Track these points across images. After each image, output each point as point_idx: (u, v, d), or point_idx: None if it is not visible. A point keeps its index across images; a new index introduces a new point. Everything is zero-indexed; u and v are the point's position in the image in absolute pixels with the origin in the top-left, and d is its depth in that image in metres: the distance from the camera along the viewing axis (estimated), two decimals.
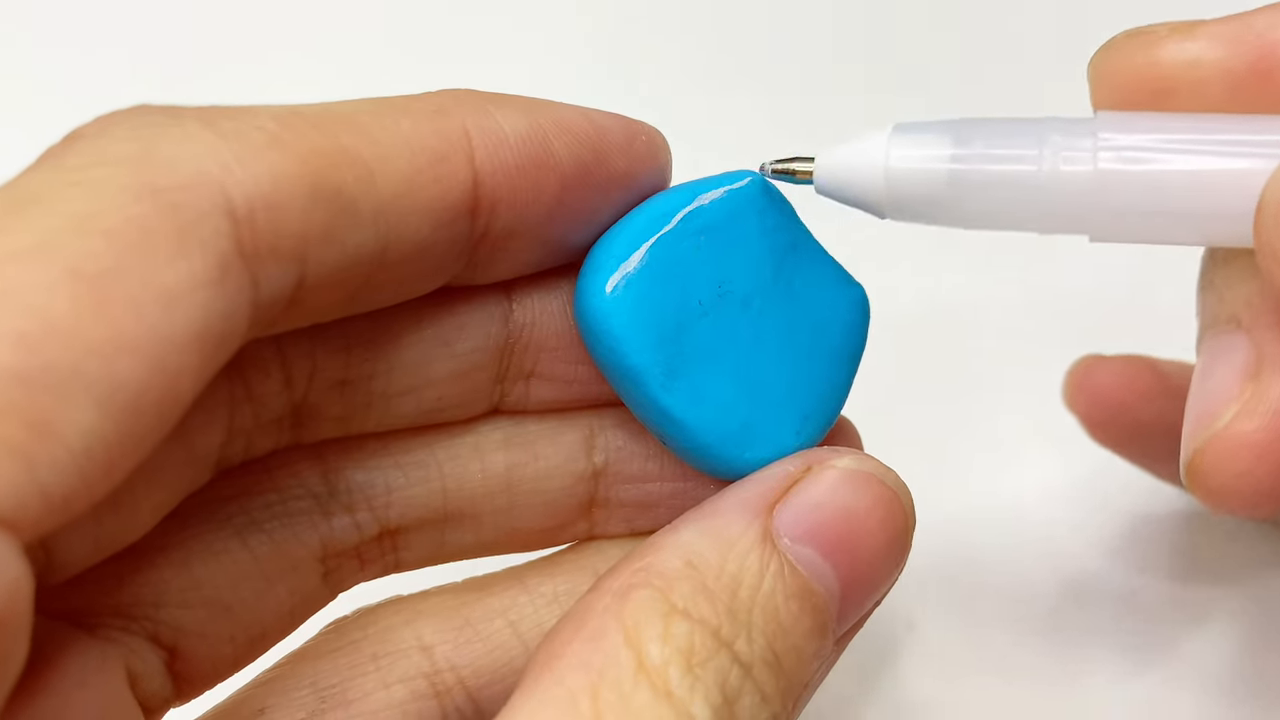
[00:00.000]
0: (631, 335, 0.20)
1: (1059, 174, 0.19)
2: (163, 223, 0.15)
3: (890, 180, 0.19)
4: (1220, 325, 0.20)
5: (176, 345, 0.15)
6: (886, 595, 0.21)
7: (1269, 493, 0.19)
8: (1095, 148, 0.19)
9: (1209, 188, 0.18)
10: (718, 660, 0.17)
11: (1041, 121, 0.19)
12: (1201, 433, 0.19)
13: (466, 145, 0.19)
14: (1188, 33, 0.20)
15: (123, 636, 0.19)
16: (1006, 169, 0.19)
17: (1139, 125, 0.19)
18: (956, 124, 0.20)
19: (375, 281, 0.18)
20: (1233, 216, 0.18)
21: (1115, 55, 0.21)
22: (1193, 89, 0.20)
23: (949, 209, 0.19)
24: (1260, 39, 0.19)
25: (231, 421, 0.19)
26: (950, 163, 0.19)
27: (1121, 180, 0.19)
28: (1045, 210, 0.19)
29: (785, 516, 0.19)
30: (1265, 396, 0.19)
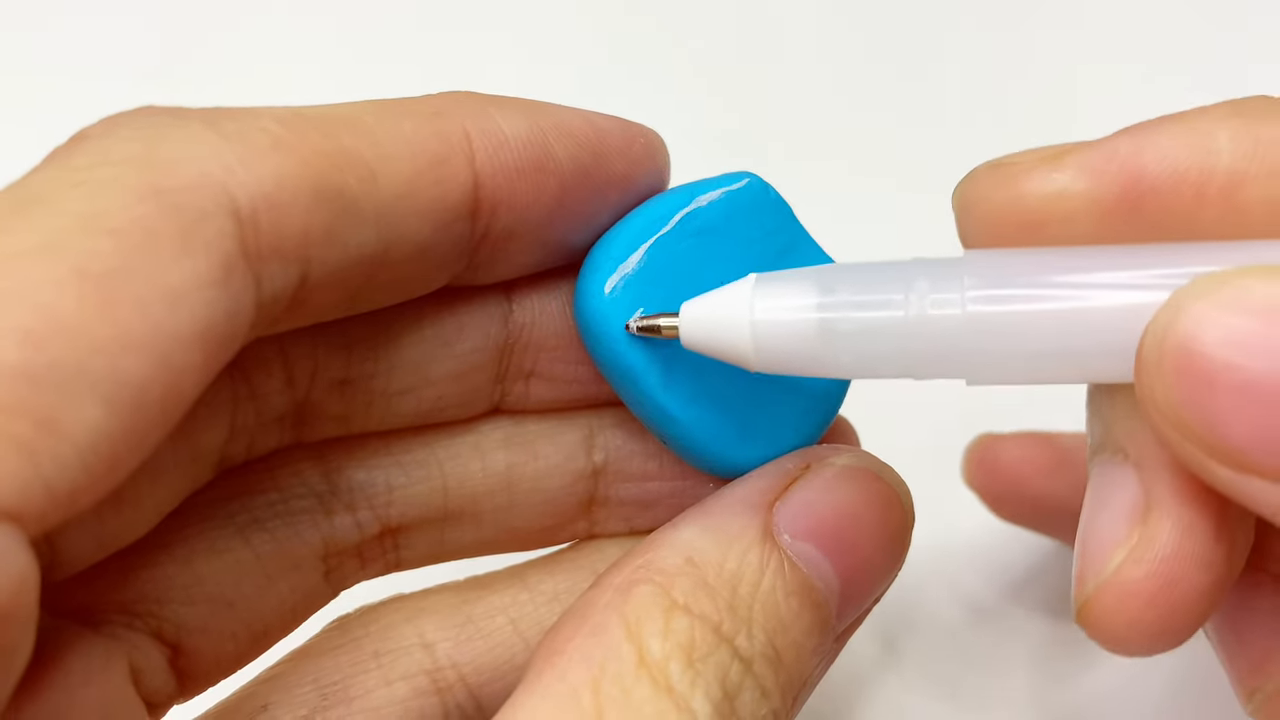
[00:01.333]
0: (630, 335, 0.20)
1: (927, 319, 0.18)
2: (167, 223, 0.15)
3: (756, 334, 0.19)
4: (1107, 455, 0.20)
5: (181, 343, 0.15)
6: (886, 592, 0.21)
7: (1161, 636, 0.19)
8: (963, 289, 0.18)
9: (1086, 327, 0.18)
10: (718, 655, 0.17)
11: (908, 264, 0.19)
12: (1091, 579, 0.19)
13: (467, 147, 0.19)
14: (1052, 164, 0.19)
15: (126, 633, 0.19)
16: (873, 315, 0.18)
17: (1008, 265, 0.18)
18: (820, 271, 0.19)
19: (376, 281, 0.19)
20: (1114, 354, 0.18)
21: (978, 190, 0.20)
22: (1061, 221, 0.19)
23: (819, 360, 0.19)
24: (1125, 166, 0.19)
25: (234, 420, 0.20)
26: (817, 311, 0.19)
27: (993, 322, 0.18)
28: (916, 357, 0.19)
29: (785, 513, 0.19)
30: (1152, 543, 0.18)
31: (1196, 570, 0.18)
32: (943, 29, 0.43)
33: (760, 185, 0.22)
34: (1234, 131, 0.18)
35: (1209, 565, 0.18)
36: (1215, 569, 0.18)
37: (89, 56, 0.42)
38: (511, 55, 0.43)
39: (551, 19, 0.44)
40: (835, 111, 0.42)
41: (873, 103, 0.42)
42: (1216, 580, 0.18)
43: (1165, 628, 0.18)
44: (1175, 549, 0.18)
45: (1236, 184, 0.18)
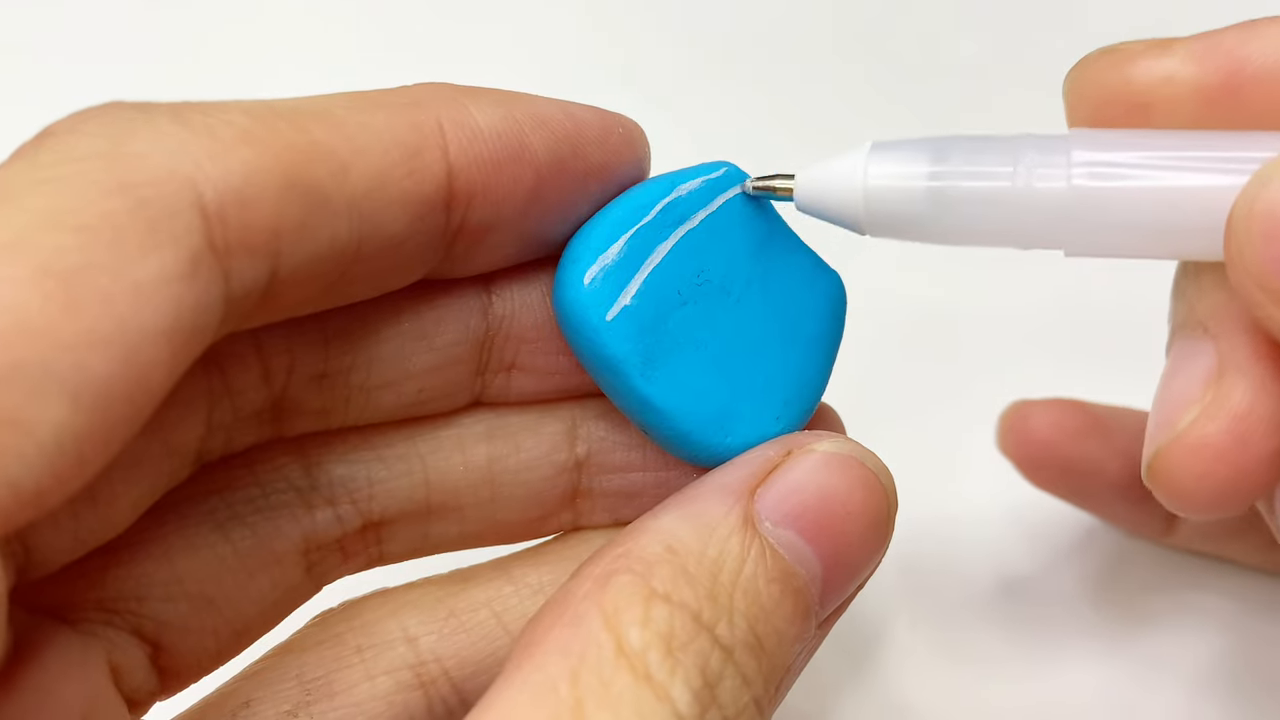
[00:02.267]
0: (610, 326, 0.20)
1: (1034, 190, 0.19)
2: (133, 218, 0.15)
3: (869, 198, 0.20)
4: (1188, 331, 0.20)
5: (148, 339, 0.15)
6: (869, 579, 0.21)
7: (1229, 494, 0.19)
8: (1069, 164, 0.19)
9: (1181, 204, 0.19)
10: (698, 644, 0.17)
11: (1017, 139, 0.20)
12: (1163, 434, 0.20)
13: (440, 139, 0.19)
14: (1161, 51, 0.20)
15: (105, 631, 0.19)
16: (982, 185, 0.19)
17: (1112, 143, 0.19)
18: (933, 142, 0.20)
19: (351, 275, 0.18)
20: (1204, 231, 0.19)
21: (1089, 73, 0.21)
22: (1166, 106, 0.20)
23: (927, 226, 0.20)
24: (1230, 56, 0.20)
25: (210, 416, 0.20)
26: (927, 180, 0.20)
27: (1095, 197, 0.19)
28: (1021, 226, 0.19)
29: (766, 500, 0.19)
30: (1226, 400, 0.19)
31: (1268, 431, 0.19)
32: (941, 29, 0.43)
33: (738, 173, 0.22)
34: None
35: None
36: None
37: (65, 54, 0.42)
38: (502, 48, 0.43)
39: (540, 11, 0.44)
40: (829, 106, 0.42)
41: (868, 97, 0.42)
42: None
43: (1233, 486, 0.19)
44: (1248, 408, 0.19)
45: None
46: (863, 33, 0.44)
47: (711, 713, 0.17)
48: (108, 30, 0.43)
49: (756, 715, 0.18)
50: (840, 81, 0.42)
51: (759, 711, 0.18)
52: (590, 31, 0.44)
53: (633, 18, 0.44)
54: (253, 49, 0.43)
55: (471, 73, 0.21)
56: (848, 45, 0.43)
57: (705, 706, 0.17)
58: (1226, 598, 0.32)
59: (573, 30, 0.44)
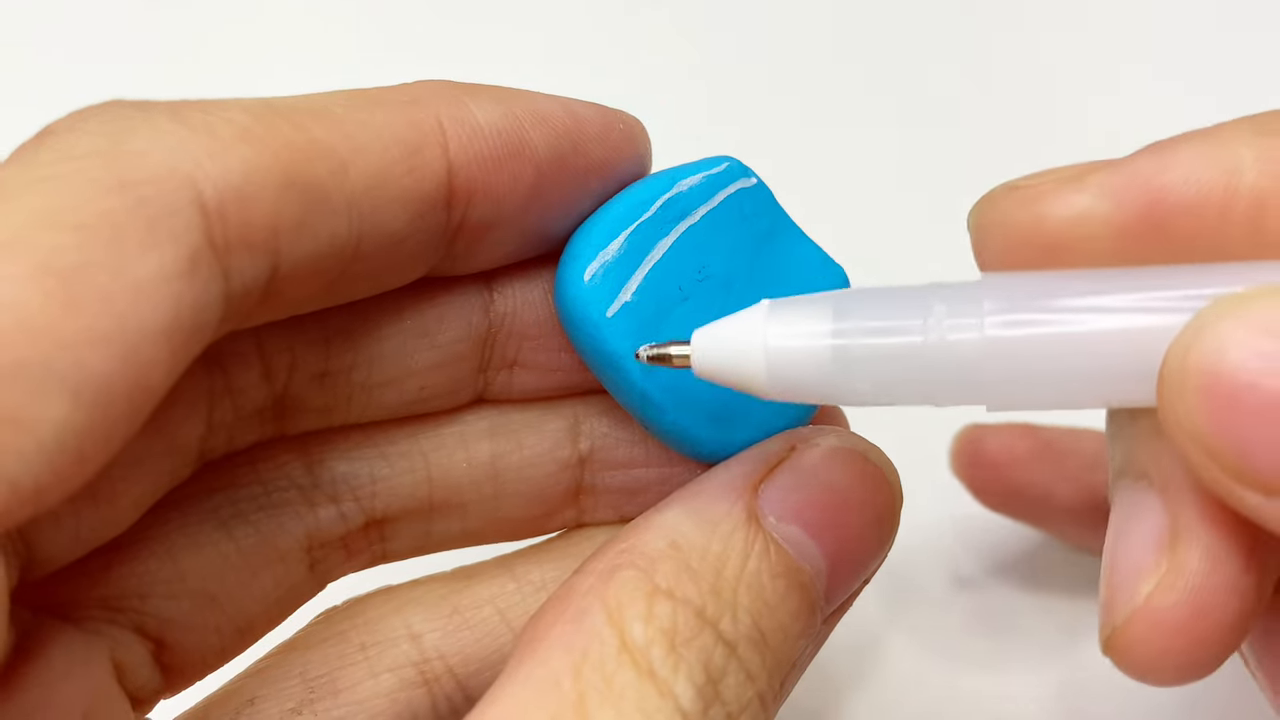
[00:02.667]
0: (611, 322, 0.20)
1: (946, 344, 0.18)
2: (132, 216, 0.15)
3: (770, 362, 0.18)
4: (1130, 480, 0.19)
5: (147, 338, 0.15)
6: (876, 573, 0.21)
7: (1192, 665, 0.18)
8: (982, 314, 0.18)
9: (1106, 350, 0.17)
10: (701, 639, 0.17)
11: (925, 289, 0.18)
12: (1120, 609, 0.19)
13: (440, 136, 0.19)
14: (1073, 186, 0.19)
15: (108, 629, 0.19)
16: (890, 341, 0.18)
17: (1027, 288, 0.18)
18: (834, 297, 0.19)
19: (351, 273, 0.18)
20: (1134, 378, 0.17)
21: (997, 212, 0.20)
22: (1082, 244, 0.19)
23: (836, 387, 0.18)
24: (1147, 188, 0.18)
25: (212, 414, 0.20)
26: (831, 338, 0.18)
27: (1012, 347, 0.18)
28: (935, 383, 0.18)
29: (770, 495, 0.19)
30: (1182, 571, 0.18)
31: (1227, 598, 0.18)
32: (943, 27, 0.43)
33: (740, 169, 0.22)
34: (1259, 150, 0.18)
35: (1240, 592, 0.18)
36: (1246, 595, 0.18)
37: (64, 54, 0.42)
38: (504, 45, 0.43)
39: (546, 10, 0.44)
40: (833, 107, 0.42)
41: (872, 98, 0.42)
42: (1248, 607, 0.18)
43: (1196, 656, 0.18)
44: (1205, 578, 0.18)
45: (1262, 204, 0.18)
46: (863, 29, 0.44)
47: (715, 709, 0.17)
48: (108, 29, 0.43)
49: (760, 711, 0.18)
50: (840, 77, 0.42)
51: (763, 707, 0.18)
52: (592, 29, 0.44)
53: (636, 14, 0.44)
54: (253, 48, 0.43)
55: (472, 70, 0.21)
56: (847, 41, 0.43)
57: (708, 702, 0.17)
58: None
59: (575, 27, 0.44)
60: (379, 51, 0.43)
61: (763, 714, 0.18)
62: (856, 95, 0.42)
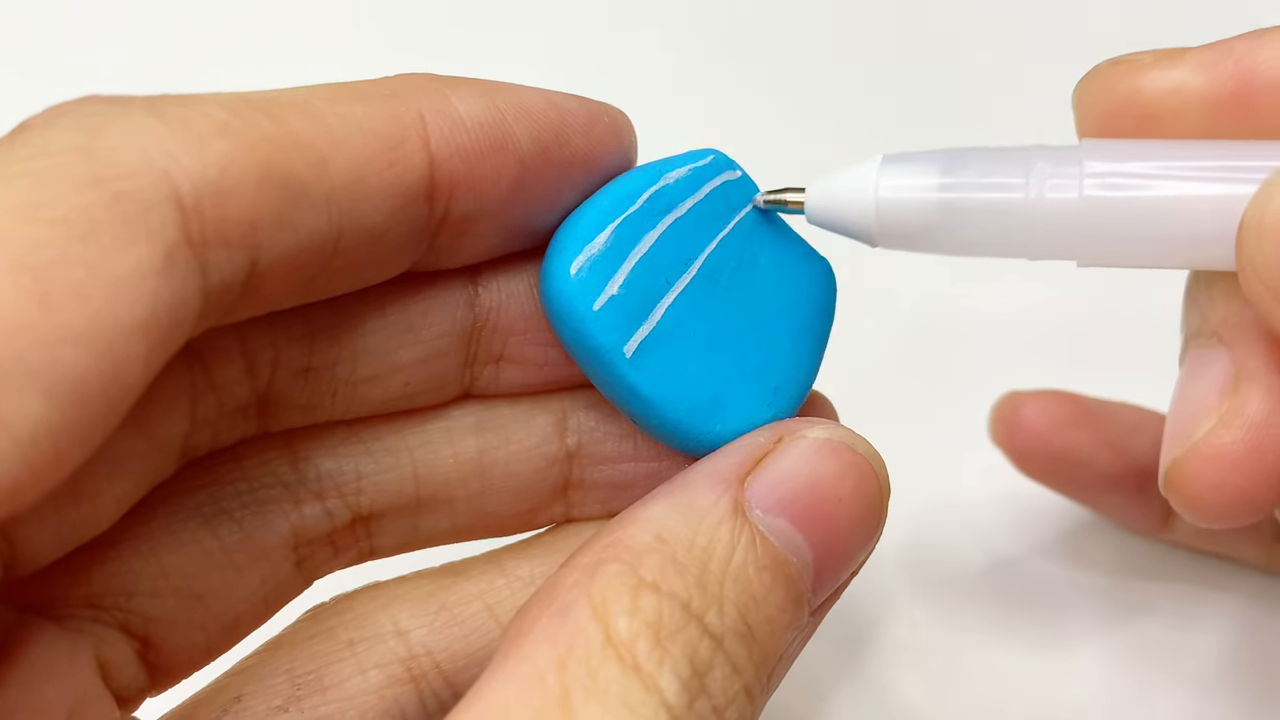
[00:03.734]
0: (596, 316, 0.20)
1: (1045, 201, 0.19)
2: (108, 212, 0.15)
3: (880, 210, 0.20)
4: (1202, 340, 0.20)
5: (124, 333, 0.15)
6: (864, 565, 0.21)
7: (1245, 503, 0.19)
8: (1081, 175, 0.19)
9: (1191, 213, 0.19)
10: (687, 633, 0.17)
11: (1028, 150, 0.20)
12: (1179, 444, 0.20)
13: (421, 129, 0.19)
14: (1170, 61, 0.20)
15: (93, 627, 0.19)
16: (994, 197, 0.19)
17: (1123, 153, 0.19)
18: (944, 154, 0.20)
19: (333, 268, 0.18)
20: (1216, 241, 0.19)
21: (1098, 84, 0.21)
22: (1175, 116, 0.20)
23: (938, 237, 0.20)
24: (1239, 65, 0.20)
25: (194, 411, 0.20)
26: (939, 191, 0.20)
27: (1106, 207, 0.19)
28: (1033, 237, 0.19)
29: (756, 488, 0.19)
30: (1242, 409, 0.19)
31: None
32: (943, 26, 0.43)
33: (725, 161, 0.22)
34: None
35: None
36: None
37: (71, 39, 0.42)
38: (493, 40, 0.43)
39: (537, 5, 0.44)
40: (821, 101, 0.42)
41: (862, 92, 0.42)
42: None
43: (1249, 495, 0.19)
44: (1265, 417, 0.19)
45: None
46: (856, 22, 0.43)
47: (701, 701, 0.17)
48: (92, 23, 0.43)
49: (747, 704, 0.18)
50: (834, 71, 0.42)
51: (749, 700, 0.18)
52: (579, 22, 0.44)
53: (623, 7, 0.44)
54: (239, 43, 0.43)
55: (459, 65, 0.21)
56: (841, 34, 0.43)
57: (694, 695, 0.17)
58: (1227, 594, 0.32)
59: (562, 21, 0.44)
60: (365, 47, 0.43)
61: (749, 707, 0.18)
62: (845, 89, 0.42)
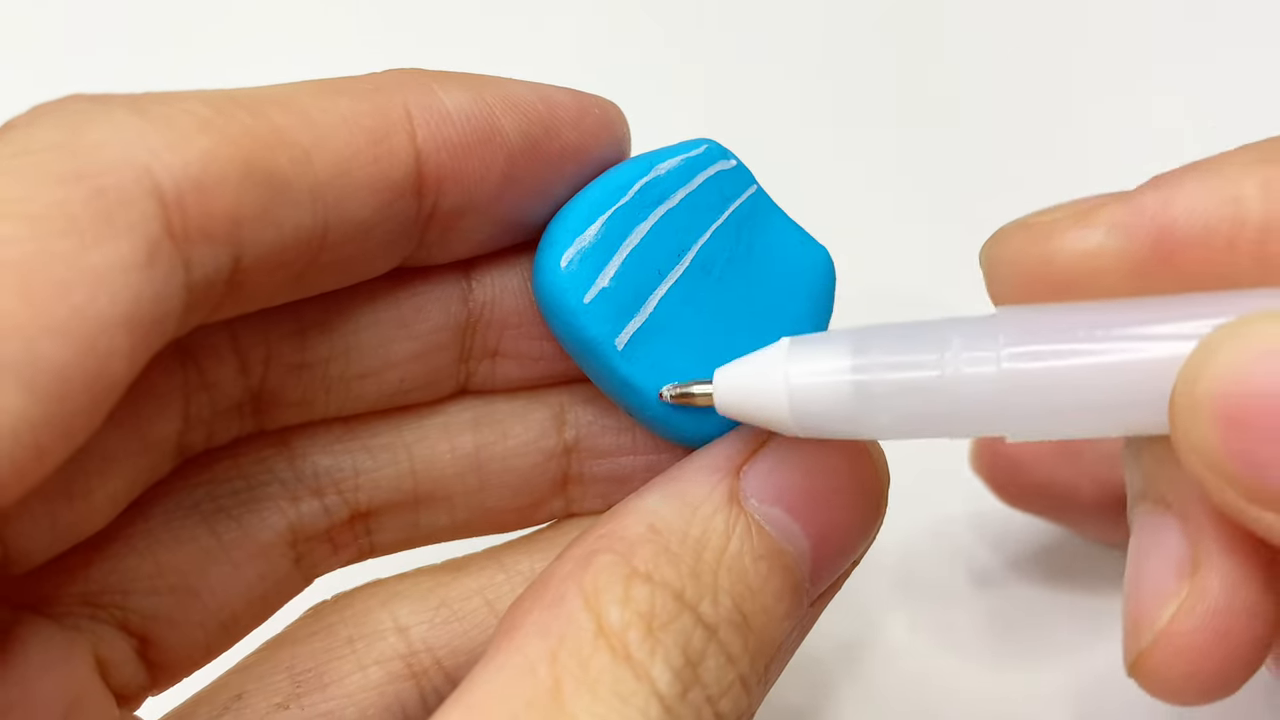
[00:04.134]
0: (588, 308, 0.20)
1: (963, 377, 0.18)
2: (88, 207, 0.15)
3: (793, 399, 0.19)
4: (1149, 505, 0.20)
5: (106, 328, 0.15)
6: (865, 555, 0.21)
7: (1216, 686, 0.19)
8: (998, 347, 0.18)
9: (1120, 381, 0.18)
10: (680, 622, 0.17)
11: (942, 323, 0.19)
12: (1144, 634, 0.19)
13: (408, 123, 0.19)
14: (1081, 222, 0.19)
15: (91, 625, 0.19)
16: (909, 375, 0.18)
17: (1042, 321, 0.18)
18: (853, 334, 0.19)
19: (321, 263, 0.18)
20: (1151, 405, 0.18)
21: (1008, 250, 0.20)
22: (1093, 279, 0.19)
23: (857, 422, 0.19)
24: (1155, 221, 0.19)
25: (187, 409, 0.20)
26: (851, 374, 0.19)
27: (1029, 380, 0.18)
28: (955, 415, 0.19)
29: (752, 477, 0.19)
30: (1203, 596, 0.19)
31: (1249, 621, 0.18)
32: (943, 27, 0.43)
33: (719, 150, 0.22)
34: (1263, 180, 0.18)
35: (1261, 614, 0.18)
36: (1267, 617, 0.18)
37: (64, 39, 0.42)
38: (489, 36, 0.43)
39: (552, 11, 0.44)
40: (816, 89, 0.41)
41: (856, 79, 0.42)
42: (1269, 628, 0.19)
43: (1220, 678, 0.19)
44: (1226, 602, 0.19)
45: (1266, 232, 0.18)
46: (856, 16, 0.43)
47: (694, 692, 0.17)
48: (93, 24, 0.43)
49: (742, 694, 0.18)
50: (823, 58, 0.42)
51: (745, 690, 0.18)
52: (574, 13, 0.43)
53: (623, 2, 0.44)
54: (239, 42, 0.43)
55: (452, 60, 0.21)
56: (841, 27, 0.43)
57: (687, 685, 0.17)
58: None
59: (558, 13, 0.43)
60: (366, 46, 0.42)
61: (745, 697, 0.18)
62: (841, 75, 0.42)
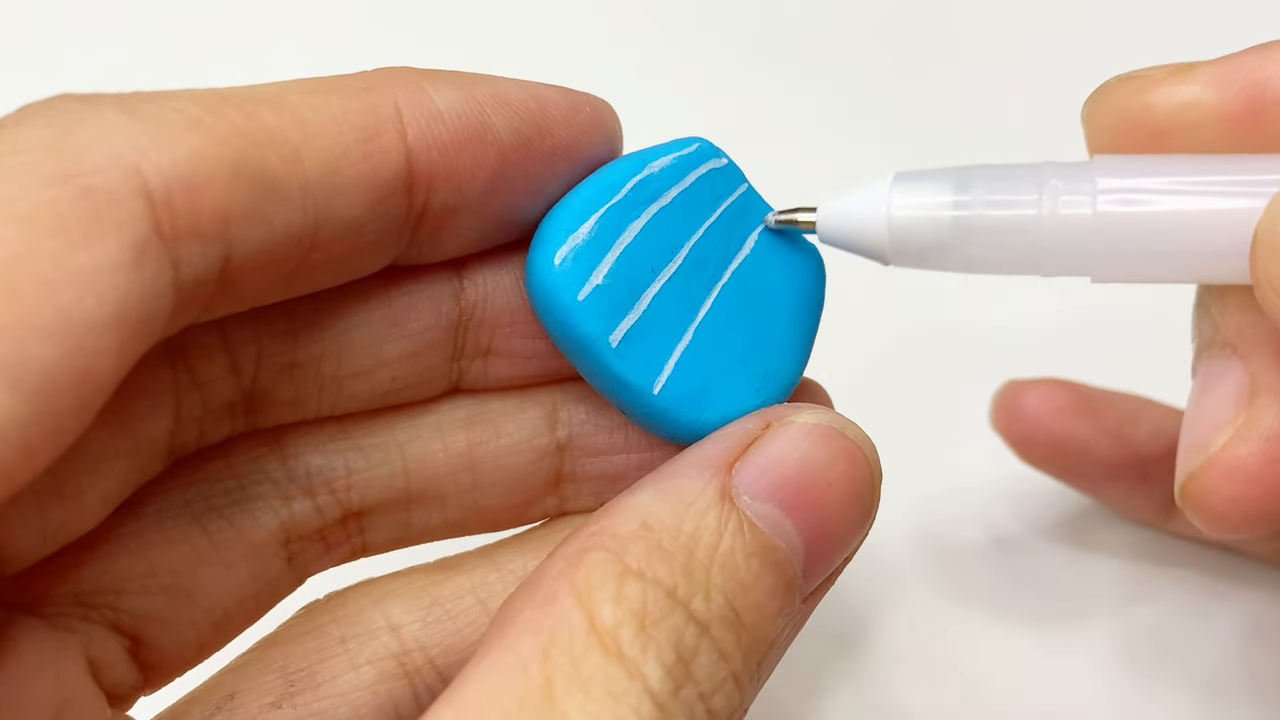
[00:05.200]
0: (581, 306, 0.20)
1: (1059, 218, 0.19)
2: (76, 207, 0.15)
3: (893, 229, 0.20)
4: (1215, 350, 0.20)
5: (93, 327, 0.15)
6: (857, 551, 0.21)
7: (1263, 516, 0.19)
8: (1094, 191, 0.19)
9: (1205, 228, 0.19)
10: (672, 619, 0.17)
11: (1040, 167, 0.20)
12: (1195, 457, 0.20)
13: (398, 122, 0.19)
14: (1181, 77, 0.20)
15: (82, 625, 0.19)
16: (1007, 214, 0.19)
17: (1135, 169, 0.19)
18: (956, 171, 0.20)
19: (312, 262, 0.18)
20: (1230, 255, 0.19)
21: (1109, 100, 0.21)
22: (1187, 131, 0.20)
23: (952, 255, 0.20)
24: (1250, 80, 0.20)
25: (178, 409, 0.20)
26: (952, 209, 0.20)
27: (1120, 223, 0.19)
28: (1046, 254, 0.19)
29: (744, 474, 0.19)
30: (1259, 422, 0.19)
31: None
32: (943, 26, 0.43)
33: (711, 149, 0.22)
34: None
35: None
36: None
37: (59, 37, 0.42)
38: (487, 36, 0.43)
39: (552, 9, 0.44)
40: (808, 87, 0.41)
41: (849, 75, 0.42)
42: None
43: (1267, 507, 0.19)
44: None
45: None
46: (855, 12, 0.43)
47: (686, 689, 0.17)
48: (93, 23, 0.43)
49: (735, 690, 0.18)
50: (825, 64, 0.42)
51: (738, 687, 0.18)
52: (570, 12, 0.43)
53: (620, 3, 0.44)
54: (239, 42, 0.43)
55: (447, 59, 0.21)
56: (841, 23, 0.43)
57: (679, 682, 0.17)
58: (1234, 584, 0.32)
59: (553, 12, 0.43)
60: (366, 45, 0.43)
61: (737, 694, 0.18)
62: (843, 78, 0.42)
